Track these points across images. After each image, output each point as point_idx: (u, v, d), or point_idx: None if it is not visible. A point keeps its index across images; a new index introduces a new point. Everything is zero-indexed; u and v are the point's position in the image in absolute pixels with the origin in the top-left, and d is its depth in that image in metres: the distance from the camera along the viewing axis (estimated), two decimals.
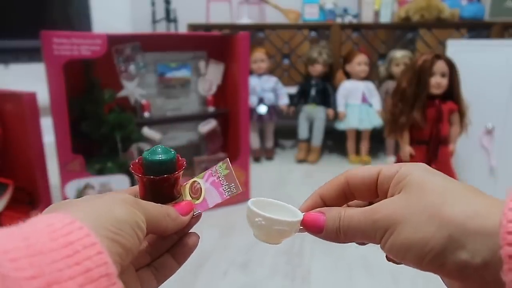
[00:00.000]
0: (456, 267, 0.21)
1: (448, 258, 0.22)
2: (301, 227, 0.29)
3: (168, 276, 0.29)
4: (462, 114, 1.28)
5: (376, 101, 1.93)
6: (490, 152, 1.40)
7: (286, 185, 1.66)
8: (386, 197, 0.26)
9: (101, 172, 1.27)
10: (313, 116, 1.98)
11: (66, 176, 1.19)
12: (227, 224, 1.24)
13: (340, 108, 1.93)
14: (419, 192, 0.24)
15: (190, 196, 0.31)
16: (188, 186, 0.32)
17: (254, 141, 1.98)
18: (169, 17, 2.39)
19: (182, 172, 0.30)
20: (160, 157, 0.29)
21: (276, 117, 2.03)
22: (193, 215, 0.30)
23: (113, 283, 0.19)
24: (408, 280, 0.96)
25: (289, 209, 0.30)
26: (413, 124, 1.28)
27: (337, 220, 0.27)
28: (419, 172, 0.25)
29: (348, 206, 0.30)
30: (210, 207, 0.30)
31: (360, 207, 0.28)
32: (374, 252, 1.16)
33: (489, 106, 1.38)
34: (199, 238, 0.31)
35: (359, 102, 1.91)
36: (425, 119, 1.26)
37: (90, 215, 0.21)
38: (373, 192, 0.28)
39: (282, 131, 2.26)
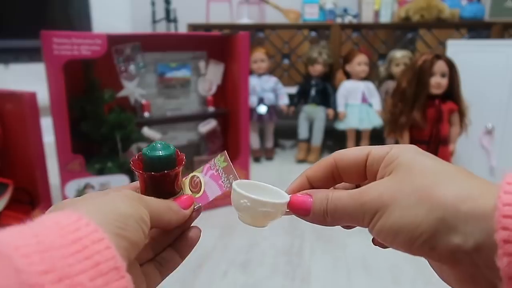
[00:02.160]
0: (447, 251, 0.21)
1: (439, 241, 0.21)
2: (288, 210, 0.28)
3: (171, 270, 0.30)
4: (462, 114, 1.28)
5: (376, 101, 1.93)
6: (490, 152, 1.40)
7: (286, 185, 1.65)
8: (375, 180, 0.26)
9: (101, 172, 1.27)
10: (313, 116, 1.98)
11: (66, 176, 1.19)
12: (227, 224, 1.24)
13: (340, 108, 1.93)
14: (409, 174, 0.23)
15: (190, 190, 0.31)
16: (187, 180, 0.32)
17: (254, 141, 1.98)
18: (169, 17, 2.39)
19: (182, 167, 0.30)
20: (160, 153, 0.29)
21: (276, 117, 2.03)
22: (194, 208, 0.30)
23: (122, 276, 0.19)
24: (408, 280, 0.96)
25: (275, 191, 0.29)
26: (413, 124, 1.28)
27: (324, 202, 0.26)
28: (410, 154, 0.25)
29: (335, 189, 0.30)
30: (210, 199, 0.31)
31: (347, 189, 0.27)
32: (374, 252, 1.17)
33: (489, 106, 1.38)
34: (200, 231, 0.31)
35: (359, 102, 1.91)
36: (425, 119, 1.26)
37: (96, 212, 0.22)
38: (361, 174, 0.28)
39: (282, 131, 2.26)
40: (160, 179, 0.29)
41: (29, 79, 1.54)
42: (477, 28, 1.98)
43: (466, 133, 1.30)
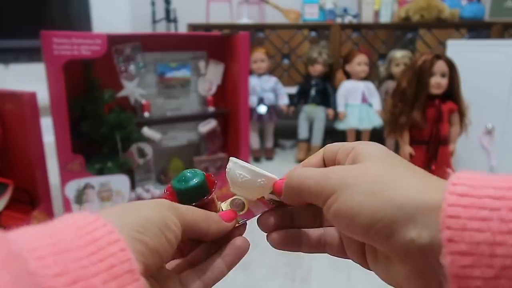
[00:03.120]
0: (402, 244, 0.21)
1: (396, 232, 0.21)
2: (272, 193, 0.30)
3: (215, 280, 0.28)
4: (462, 114, 1.28)
5: (376, 101, 1.93)
6: (490, 152, 1.40)
7: None
8: None
9: (101, 172, 1.27)
10: (313, 116, 1.98)
11: (66, 176, 1.19)
12: None
13: (340, 108, 1.93)
14: (375, 163, 0.24)
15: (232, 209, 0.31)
16: (229, 201, 0.32)
17: (254, 141, 1.98)
18: (169, 17, 2.39)
19: (215, 190, 0.30)
20: (189, 183, 0.28)
21: (276, 117, 2.03)
22: (238, 223, 0.30)
23: (136, 279, 0.19)
24: None
25: (263, 172, 0.30)
26: (413, 124, 1.28)
27: (295, 177, 0.27)
28: (376, 149, 0.26)
29: None
30: (256, 215, 0.31)
31: None
32: None
33: (489, 106, 1.38)
34: (249, 243, 0.30)
35: (359, 102, 1.91)
36: (425, 119, 1.26)
37: (116, 214, 0.22)
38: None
39: (282, 131, 2.26)
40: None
41: (29, 79, 1.54)
42: (477, 28, 1.98)
43: (466, 133, 1.30)
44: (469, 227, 0.18)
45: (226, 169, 0.30)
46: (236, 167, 0.29)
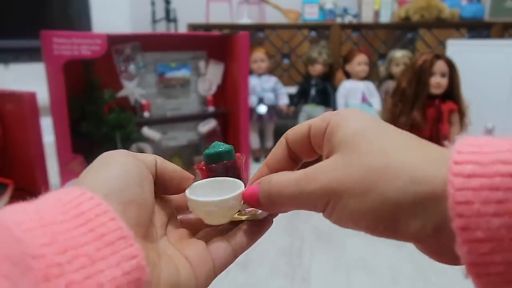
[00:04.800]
0: (409, 235, 0.20)
1: (399, 227, 0.20)
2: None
3: (244, 248, 0.27)
4: (462, 114, 1.28)
5: (376, 101, 1.93)
6: None
7: None
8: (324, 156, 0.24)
9: None
10: (313, 116, 1.97)
11: (66, 176, 1.19)
12: None
13: (340, 108, 1.92)
14: (355, 153, 0.21)
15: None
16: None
17: (254, 141, 1.98)
18: (169, 17, 2.39)
19: (242, 160, 0.30)
20: (218, 149, 0.30)
21: (276, 117, 2.03)
22: (261, 217, 0.28)
23: (131, 245, 0.19)
24: (408, 280, 0.96)
25: (231, 182, 0.28)
26: (413, 124, 1.28)
27: (267, 187, 0.24)
28: (351, 125, 0.23)
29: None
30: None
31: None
32: (374, 252, 1.16)
33: (489, 106, 1.38)
34: (272, 221, 0.28)
35: (359, 102, 1.91)
36: (425, 119, 1.26)
37: (98, 184, 0.21)
38: (311, 150, 0.26)
39: (282, 131, 2.24)
40: (221, 171, 0.29)
41: (29, 79, 1.54)
42: (477, 28, 1.98)
43: (466, 133, 1.30)
44: (484, 211, 0.17)
45: (189, 208, 0.27)
46: (196, 205, 0.26)
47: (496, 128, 1.38)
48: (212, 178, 0.29)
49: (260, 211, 0.28)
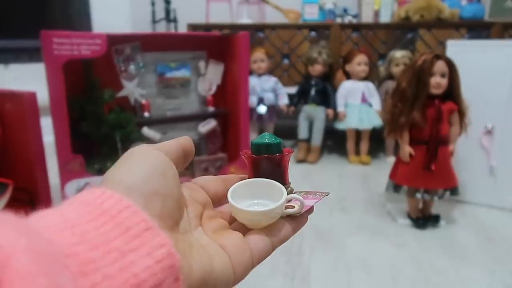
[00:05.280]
0: None
1: None
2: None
3: (282, 240, 0.28)
4: (462, 114, 1.28)
5: (376, 101, 1.93)
6: (490, 152, 1.40)
7: None
8: None
9: (101, 172, 1.27)
10: (313, 116, 1.98)
11: (66, 176, 1.19)
12: None
13: (340, 108, 1.93)
14: None
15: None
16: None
17: None
18: (169, 17, 2.39)
19: (289, 155, 0.31)
20: (266, 140, 0.30)
21: (276, 117, 2.03)
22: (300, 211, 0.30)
23: (158, 234, 0.19)
24: (408, 280, 0.96)
25: (270, 185, 0.29)
26: (413, 124, 1.27)
27: None
28: None
29: None
30: (308, 205, 0.31)
31: None
32: (374, 252, 1.16)
33: (489, 106, 1.38)
34: (307, 218, 0.31)
35: (359, 102, 1.91)
36: (425, 119, 1.26)
37: (118, 181, 0.22)
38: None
39: (282, 131, 2.26)
40: (266, 163, 0.30)
41: (29, 79, 1.54)
42: (477, 28, 1.98)
43: (466, 133, 1.30)
44: None
45: (232, 213, 0.29)
46: (241, 213, 0.27)
47: (496, 128, 1.38)
48: (251, 180, 0.30)
49: (297, 207, 0.29)
